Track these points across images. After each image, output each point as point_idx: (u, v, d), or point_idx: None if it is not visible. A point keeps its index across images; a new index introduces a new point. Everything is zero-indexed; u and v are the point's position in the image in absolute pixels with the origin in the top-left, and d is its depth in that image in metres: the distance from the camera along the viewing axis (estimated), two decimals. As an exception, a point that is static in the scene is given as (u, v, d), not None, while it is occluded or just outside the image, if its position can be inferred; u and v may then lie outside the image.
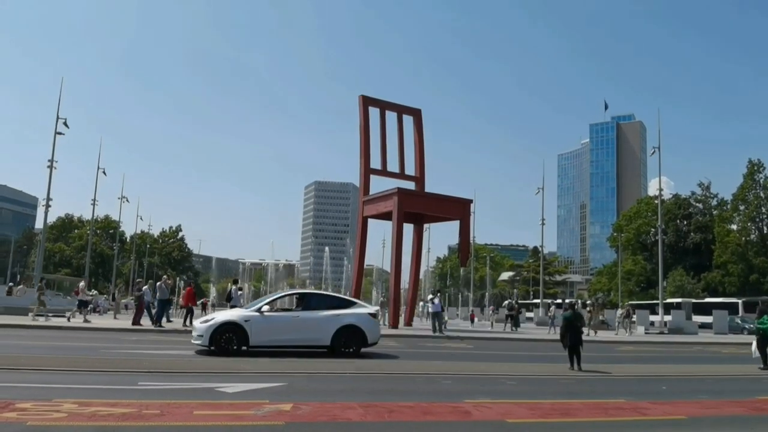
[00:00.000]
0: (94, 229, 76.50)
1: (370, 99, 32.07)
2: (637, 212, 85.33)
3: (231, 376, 10.70)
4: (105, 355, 13.64)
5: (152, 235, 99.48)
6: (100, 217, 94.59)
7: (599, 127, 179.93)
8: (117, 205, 63.90)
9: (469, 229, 32.05)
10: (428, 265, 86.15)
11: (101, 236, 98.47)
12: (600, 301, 42.97)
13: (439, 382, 11.42)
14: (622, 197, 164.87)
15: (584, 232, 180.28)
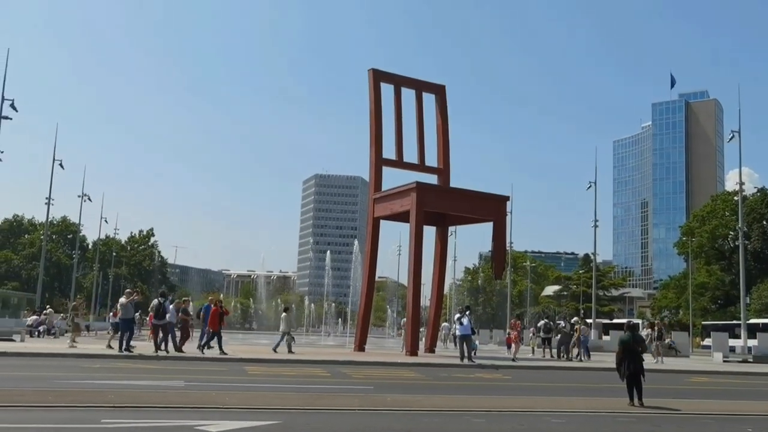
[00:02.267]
0: (48, 233, 77.20)
1: (383, 73, 32.00)
2: (712, 211, 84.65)
3: (213, 412, 10.71)
4: (60, 386, 13.71)
5: (119, 240, 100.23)
6: (57, 219, 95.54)
7: (664, 107, 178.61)
8: (77, 205, 64.57)
9: (505, 232, 31.89)
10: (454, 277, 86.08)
11: (57, 242, 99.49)
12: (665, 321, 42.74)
13: (469, 421, 11.35)
14: (693, 193, 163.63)
15: (646, 237, 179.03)
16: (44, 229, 68.30)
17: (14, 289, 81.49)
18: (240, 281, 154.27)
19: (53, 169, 51.54)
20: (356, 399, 13.40)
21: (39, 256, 65.98)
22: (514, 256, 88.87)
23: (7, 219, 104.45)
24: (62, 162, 51.80)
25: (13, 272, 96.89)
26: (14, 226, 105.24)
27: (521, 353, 30.19)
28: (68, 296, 74.96)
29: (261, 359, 23.27)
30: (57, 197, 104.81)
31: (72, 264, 77.68)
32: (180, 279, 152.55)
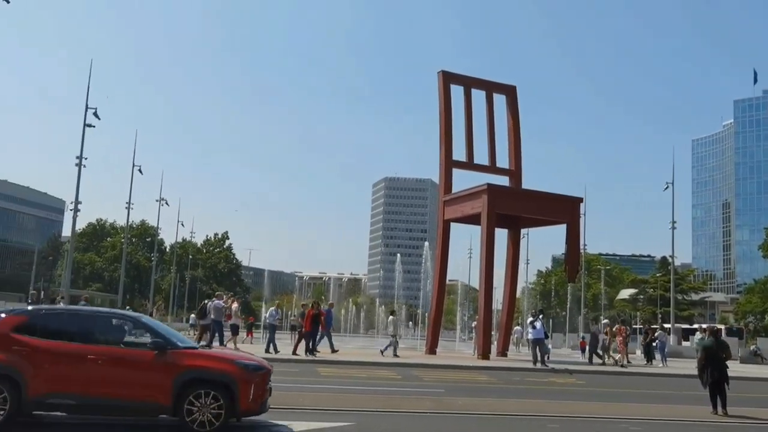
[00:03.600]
0: (129, 236, 79.93)
1: (452, 75, 31.91)
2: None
3: (288, 413, 10.90)
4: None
5: (195, 243, 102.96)
6: (136, 222, 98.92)
7: (747, 104, 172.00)
8: (155, 209, 66.58)
9: (578, 235, 31.31)
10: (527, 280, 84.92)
11: (137, 245, 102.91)
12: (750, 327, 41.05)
13: (543, 426, 11.24)
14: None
15: (728, 239, 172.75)
16: (125, 233, 70.72)
17: (98, 290, 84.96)
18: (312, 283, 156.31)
19: (133, 174, 53.36)
20: (427, 402, 13.42)
21: (120, 259, 68.41)
22: (588, 258, 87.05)
23: (91, 223, 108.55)
24: (141, 168, 53.61)
25: (96, 274, 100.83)
26: (97, 229, 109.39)
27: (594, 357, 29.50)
28: (147, 297, 77.56)
29: (333, 361, 23.49)
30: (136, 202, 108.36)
31: (151, 266, 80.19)
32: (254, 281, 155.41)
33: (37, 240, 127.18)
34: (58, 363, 9.03)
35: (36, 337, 9.14)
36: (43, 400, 8.94)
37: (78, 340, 9.25)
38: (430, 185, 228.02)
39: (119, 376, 9.16)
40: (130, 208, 55.26)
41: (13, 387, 8.78)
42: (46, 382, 8.90)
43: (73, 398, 8.97)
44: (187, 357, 9.52)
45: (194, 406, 9.05)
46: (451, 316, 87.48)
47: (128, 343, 9.66)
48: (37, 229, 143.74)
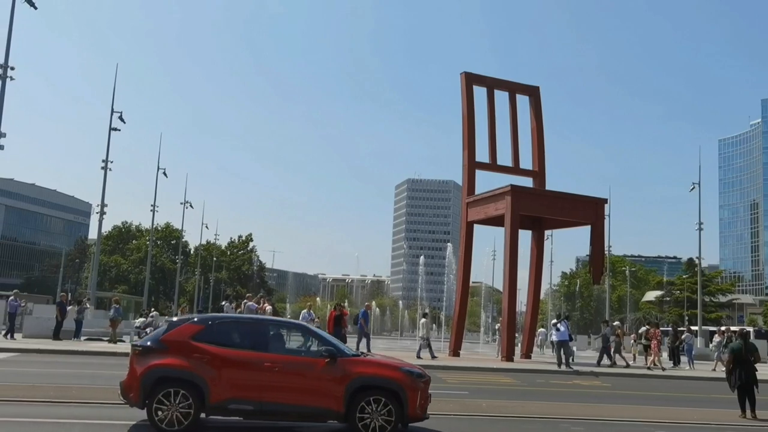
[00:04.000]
0: (154, 239, 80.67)
1: (475, 76, 31.80)
2: (830, 212, 79.59)
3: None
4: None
5: (219, 246, 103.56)
6: (161, 225, 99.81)
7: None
8: (179, 212, 67.25)
9: (603, 236, 31.01)
10: (551, 282, 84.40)
11: (162, 247, 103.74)
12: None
13: (567, 429, 11.14)
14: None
15: (756, 240, 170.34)
16: (150, 235, 71.38)
17: (123, 292, 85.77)
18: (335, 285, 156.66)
19: (157, 177, 53.84)
20: (451, 404, 13.36)
21: (145, 261, 69.05)
22: (613, 260, 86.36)
23: (116, 226, 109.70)
24: (166, 171, 54.05)
25: (122, 276, 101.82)
26: (123, 232, 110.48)
27: (620, 360, 29.19)
28: (172, 299, 78.20)
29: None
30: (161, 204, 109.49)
31: (175, 268, 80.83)
32: (277, 283, 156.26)
33: (64, 243, 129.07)
34: (236, 370, 9.35)
35: (213, 345, 9.42)
36: (224, 406, 9.27)
37: (252, 348, 9.58)
38: (453, 187, 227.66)
39: (294, 383, 9.46)
40: (155, 211, 55.85)
41: (197, 393, 9.11)
42: (227, 388, 9.21)
43: (251, 404, 9.28)
44: (357, 364, 9.81)
45: (365, 412, 9.34)
46: (475, 318, 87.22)
47: (299, 351, 10.02)
48: (64, 231, 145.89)
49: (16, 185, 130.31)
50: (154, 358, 9.25)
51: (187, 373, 9.15)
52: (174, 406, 8.96)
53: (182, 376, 9.14)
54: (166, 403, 8.97)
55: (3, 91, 28.47)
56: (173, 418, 8.93)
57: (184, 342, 9.36)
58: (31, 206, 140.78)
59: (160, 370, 9.14)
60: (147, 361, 9.26)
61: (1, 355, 20.15)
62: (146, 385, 9.06)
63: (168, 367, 9.18)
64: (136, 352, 9.47)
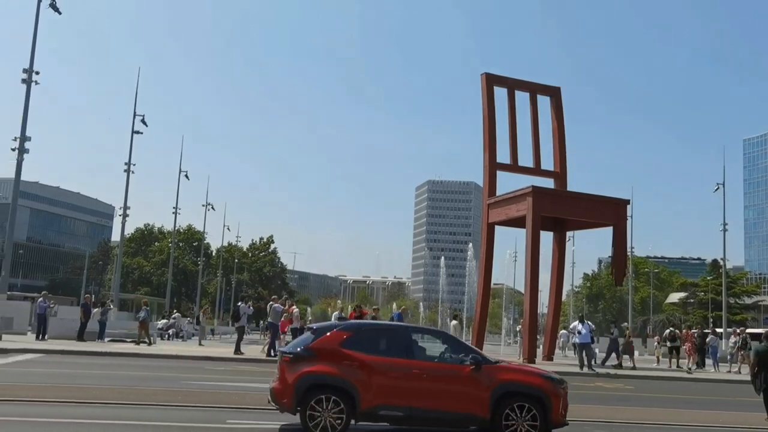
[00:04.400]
0: (176, 241, 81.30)
1: (496, 77, 31.69)
2: None
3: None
4: (187, 387, 14.38)
5: (241, 247, 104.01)
6: (183, 227, 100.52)
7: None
8: (201, 214, 67.63)
9: (625, 237, 30.76)
10: (572, 283, 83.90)
11: (184, 249, 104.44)
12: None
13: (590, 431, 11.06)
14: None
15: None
16: (172, 237, 71.92)
17: (146, 293, 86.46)
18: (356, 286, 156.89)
19: (179, 179, 54.28)
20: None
21: (168, 263, 69.56)
22: (636, 261, 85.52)
23: (139, 228, 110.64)
24: (188, 173, 54.45)
25: (144, 278, 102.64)
26: (146, 234, 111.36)
27: (643, 362, 28.93)
28: (194, 301, 78.70)
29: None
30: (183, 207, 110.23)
31: (197, 270, 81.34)
32: (299, 284, 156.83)
33: (87, 245, 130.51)
34: (386, 376, 9.47)
35: (361, 352, 9.57)
36: (375, 412, 9.41)
37: (397, 354, 9.73)
38: (473, 188, 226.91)
39: (441, 390, 9.59)
40: (177, 213, 56.27)
41: (348, 399, 9.26)
42: (377, 394, 9.34)
43: (401, 410, 9.42)
44: (500, 371, 9.93)
45: (510, 419, 9.43)
46: (496, 320, 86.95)
47: (443, 358, 10.06)
48: (87, 234, 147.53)
49: (40, 188, 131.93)
50: (306, 365, 9.41)
51: (338, 379, 9.32)
52: (327, 413, 9.13)
53: (334, 382, 9.32)
54: (318, 410, 9.14)
55: (28, 96, 28.85)
56: (326, 424, 9.10)
57: (333, 349, 9.53)
58: (55, 209, 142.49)
59: (313, 377, 9.32)
60: (298, 368, 9.41)
61: (26, 356, 20.41)
62: (299, 391, 9.23)
63: (320, 374, 9.36)
64: (287, 359, 9.61)
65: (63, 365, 18.27)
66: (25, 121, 28.70)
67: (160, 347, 28.06)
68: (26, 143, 28.84)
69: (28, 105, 28.88)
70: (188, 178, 54.66)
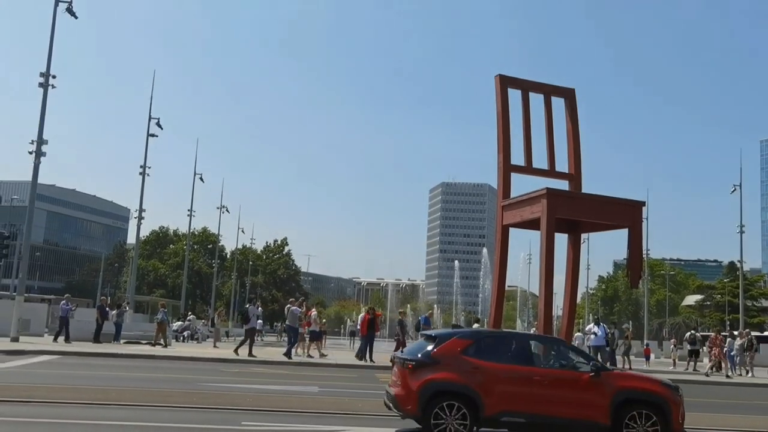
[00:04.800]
0: (191, 243, 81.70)
1: (510, 78, 31.46)
2: None
3: (348, 418, 10.95)
4: (203, 388, 14.44)
5: (255, 250, 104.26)
6: (198, 229, 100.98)
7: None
8: (215, 216, 68.01)
9: (641, 239, 30.37)
10: (587, 286, 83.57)
11: (199, 251, 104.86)
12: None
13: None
14: None
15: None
16: (187, 240, 72.24)
17: (161, 296, 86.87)
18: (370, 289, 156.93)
19: (194, 182, 54.49)
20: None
21: (183, 265, 69.87)
22: (651, 263, 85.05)
23: (154, 230, 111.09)
24: (202, 176, 54.67)
25: (160, 280, 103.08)
26: (161, 237, 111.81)
27: (659, 365, 28.74)
28: (209, 303, 78.99)
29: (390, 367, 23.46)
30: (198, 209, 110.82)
31: (212, 272, 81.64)
32: (313, 287, 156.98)
33: (103, 247, 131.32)
34: (508, 383, 9.64)
35: (482, 359, 9.77)
36: (497, 418, 9.54)
37: (516, 361, 9.96)
38: (487, 190, 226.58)
39: (562, 396, 9.75)
40: (192, 216, 56.53)
41: (472, 406, 9.41)
42: (499, 401, 9.50)
43: (523, 416, 9.55)
44: (620, 378, 10.19)
45: (631, 427, 9.55)
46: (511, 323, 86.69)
47: (562, 365, 10.30)
48: (103, 236, 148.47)
49: (57, 191, 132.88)
50: (429, 372, 9.58)
51: (462, 386, 9.49)
52: (451, 419, 9.28)
53: (457, 389, 9.49)
54: (443, 416, 9.28)
55: (45, 100, 29.08)
56: (451, 430, 9.27)
57: (455, 356, 9.69)
58: (71, 211, 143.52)
59: (437, 383, 9.48)
60: (422, 375, 9.57)
61: (43, 357, 20.58)
62: (423, 398, 9.37)
63: (444, 381, 9.53)
64: (409, 367, 9.75)
65: (80, 367, 18.41)
66: (42, 124, 28.90)
67: (176, 349, 28.20)
68: (43, 146, 29.05)
69: (45, 108, 29.09)
70: (203, 181, 54.99)
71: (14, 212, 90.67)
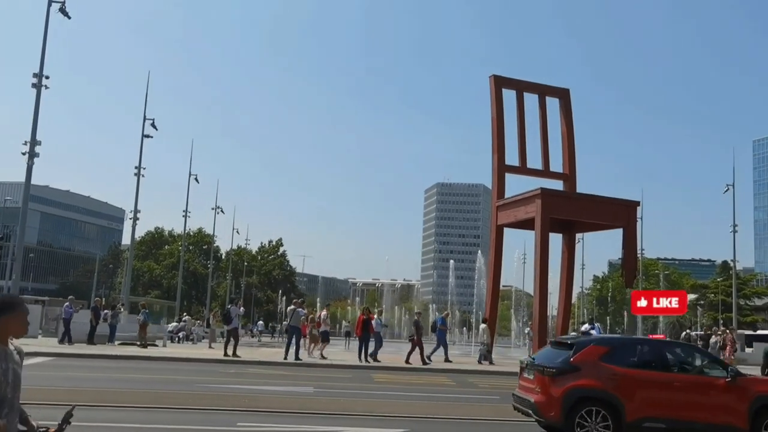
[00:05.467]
0: (186, 244, 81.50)
1: (504, 79, 31.65)
2: None
3: (343, 419, 10.94)
4: (198, 389, 14.41)
5: (250, 251, 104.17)
6: (193, 230, 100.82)
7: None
8: (210, 217, 67.78)
9: (635, 239, 30.61)
10: (582, 285, 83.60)
11: (194, 252, 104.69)
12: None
13: None
14: None
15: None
16: (182, 241, 72.06)
17: (156, 297, 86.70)
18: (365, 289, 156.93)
19: (189, 183, 54.30)
20: (482, 408, 13.32)
21: (178, 266, 69.72)
22: (646, 263, 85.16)
23: (149, 231, 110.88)
24: (197, 176, 54.50)
25: (155, 281, 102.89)
26: (156, 237, 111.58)
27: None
28: (204, 304, 78.85)
29: (386, 367, 23.47)
30: (193, 210, 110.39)
31: (207, 273, 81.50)
32: (308, 287, 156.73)
33: (98, 248, 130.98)
34: (648, 389, 9.83)
35: (620, 366, 9.94)
36: (639, 424, 9.67)
37: (655, 368, 10.15)
38: (482, 190, 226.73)
39: (701, 402, 9.91)
40: (187, 216, 56.26)
41: (614, 411, 9.57)
42: (641, 407, 9.67)
43: (664, 422, 9.73)
44: (757, 383, 10.36)
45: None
46: (506, 322, 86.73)
47: (697, 370, 10.39)
48: (98, 237, 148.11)
49: (51, 192, 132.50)
50: (571, 379, 9.73)
51: (604, 392, 9.64)
52: (594, 425, 9.45)
53: (600, 395, 9.64)
54: (587, 422, 9.45)
55: (38, 100, 28.99)
56: None
57: (594, 363, 9.83)
58: (65, 213, 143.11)
59: (580, 390, 9.61)
60: (564, 382, 9.70)
61: (38, 359, 20.50)
62: (567, 404, 9.51)
63: (586, 387, 9.67)
64: (550, 374, 9.87)
65: (74, 368, 18.35)
66: (35, 125, 28.82)
67: (172, 350, 28.14)
68: (36, 147, 28.96)
69: (38, 109, 29.00)
70: (198, 182, 54.64)
71: (8, 213, 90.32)
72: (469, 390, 17.84)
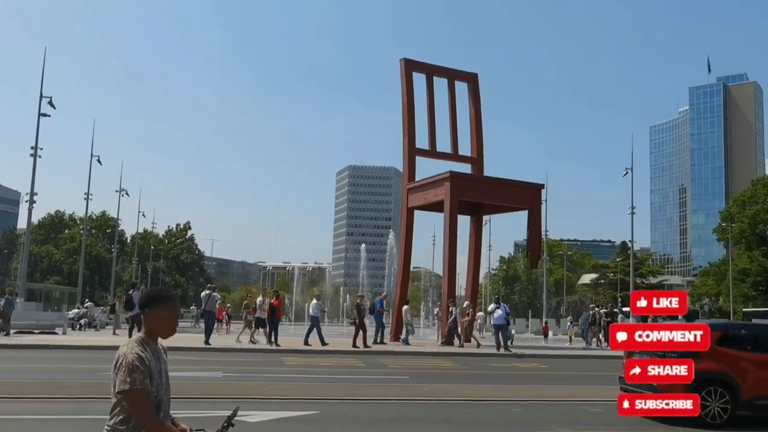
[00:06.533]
0: (88, 228, 78.56)
1: (414, 62, 31.87)
2: (753, 196, 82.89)
3: (252, 402, 10.80)
4: (101, 378, 13.92)
5: (157, 234, 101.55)
6: (96, 214, 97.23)
7: (701, 92, 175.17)
8: (115, 200, 65.39)
9: (540, 221, 31.61)
10: (489, 266, 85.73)
11: (97, 236, 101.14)
12: (705, 308, 41.70)
13: (507, 410, 11.32)
14: (733, 178, 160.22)
15: (685, 223, 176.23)
16: (84, 224, 69.43)
17: (56, 283, 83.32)
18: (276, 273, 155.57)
19: (91, 164, 52.18)
20: (392, 389, 13.44)
21: (79, 251, 67.11)
22: (550, 244, 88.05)
23: (49, 214, 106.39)
24: (100, 158, 52.43)
25: (55, 267, 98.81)
26: (55, 221, 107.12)
27: (557, 342, 29.87)
28: (108, 290, 76.37)
29: (297, 350, 23.38)
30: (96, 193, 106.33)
31: (111, 258, 78.91)
32: (217, 271, 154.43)
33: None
34: (761, 370, 10.78)
35: (733, 349, 10.92)
36: (753, 402, 10.66)
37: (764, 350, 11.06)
38: (394, 173, 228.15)
39: None
40: (89, 199, 54.08)
41: (731, 391, 10.51)
42: (754, 386, 10.64)
43: None
44: None
45: None
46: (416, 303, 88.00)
47: None
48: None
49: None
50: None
51: (722, 374, 10.58)
52: (715, 402, 10.36)
53: (719, 377, 10.56)
54: (708, 400, 10.30)
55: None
56: (714, 412, 10.35)
57: (711, 347, 10.09)
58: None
59: (701, 373, 9.96)
60: None
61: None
62: (690, 386, 9.83)
63: (706, 370, 10.32)
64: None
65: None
66: None
67: (73, 338, 27.11)
68: None
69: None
70: (100, 163, 52.47)
71: None
72: (380, 371, 17.98)
